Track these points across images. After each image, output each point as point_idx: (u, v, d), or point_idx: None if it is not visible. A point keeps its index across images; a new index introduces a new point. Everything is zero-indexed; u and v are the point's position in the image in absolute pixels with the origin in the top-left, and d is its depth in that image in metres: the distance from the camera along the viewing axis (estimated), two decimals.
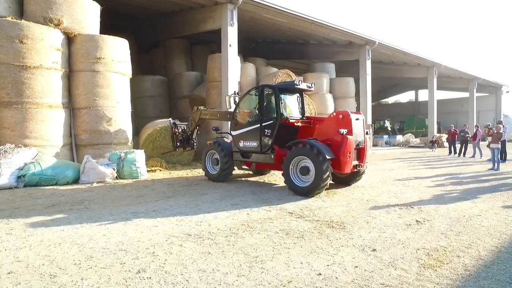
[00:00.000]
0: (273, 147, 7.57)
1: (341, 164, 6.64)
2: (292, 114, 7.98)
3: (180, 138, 10.23)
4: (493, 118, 31.81)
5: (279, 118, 7.46)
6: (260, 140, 7.72)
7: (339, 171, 6.81)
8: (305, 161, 6.68)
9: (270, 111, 7.76)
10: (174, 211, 5.51)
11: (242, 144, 8.17)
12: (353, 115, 7.04)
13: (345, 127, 6.78)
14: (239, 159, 8.35)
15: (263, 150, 7.73)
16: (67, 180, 8.07)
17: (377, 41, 17.99)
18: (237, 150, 8.34)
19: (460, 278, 3.12)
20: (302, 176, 6.76)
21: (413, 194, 7.06)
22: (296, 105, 8.27)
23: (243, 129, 8.13)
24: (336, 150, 6.65)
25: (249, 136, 7.98)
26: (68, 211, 5.46)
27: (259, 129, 7.73)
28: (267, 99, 7.90)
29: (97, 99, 9.54)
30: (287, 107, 7.98)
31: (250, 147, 8.01)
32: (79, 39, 9.47)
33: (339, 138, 6.71)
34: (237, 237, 4.22)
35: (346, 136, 6.67)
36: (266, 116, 7.73)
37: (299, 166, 6.81)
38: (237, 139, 8.28)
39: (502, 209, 5.80)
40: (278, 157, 7.45)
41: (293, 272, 3.22)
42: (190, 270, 3.23)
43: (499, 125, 12.17)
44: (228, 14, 11.92)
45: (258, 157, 7.96)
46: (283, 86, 7.96)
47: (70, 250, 3.70)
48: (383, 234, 4.35)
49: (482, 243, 4.07)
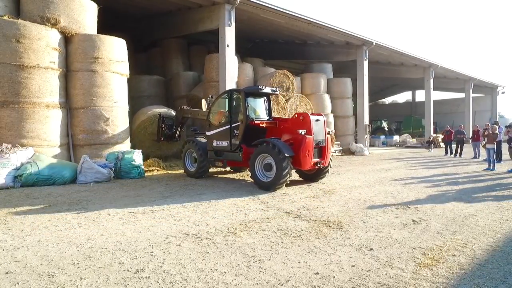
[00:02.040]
0: (241, 146, 8.19)
1: (301, 161, 7.36)
2: (259, 116, 8.63)
3: (165, 132, 10.96)
4: (489, 118, 32.05)
5: (246, 119, 8.09)
6: (230, 140, 8.39)
7: (299, 167, 7.59)
8: (268, 159, 7.35)
9: (238, 113, 8.36)
10: (172, 211, 5.52)
11: (215, 143, 8.79)
12: (312, 117, 7.70)
13: (305, 127, 7.48)
14: (213, 157, 8.92)
15: (233, 149, 8.37)
16: (65, 180, 8.05)
17: (375, 42, 18.05)
18: (211, 149, 8.94)
19: (455, 277, 3.16)
20: (266, 172, 7.44)
21: (409, 194, 7.11)
22: (263, 108, 8.91)
23: (216, 129, 8.78)
24: (296, 148, 7.36)
25: (221, 136, 8.62)
26: (65, 211, 5.45)
27: (229, 129, 8.39)
28: (235, 103, 8.52)
29: (95, 99, 9.51)
30: (255, 110, 8.65)
31: (222, 146, 8.65)
32: (76, 39, 9.45)
33: (299, 138, 7.43)
34: (235, 236, 4.24)
35: (305, 136, 7.37)
36: (234, 118, 8.39)
37: (263, 163, 7.47)
38: (210, 139, 8.91)
39: (497, 209, 5.86)
40: (245, 155, 8.08)
41: (290, 271, 3.25)
42: (189, 270, 3.25)
43: (495, 125, 12.27)
44: (226, 14, 11.92)
45: (229, 155, 8.58)
46: (249, 90, 8.61)
47: (68, 250, 3.70)
48: (380, 234, 4.39)
49: (477, 242, 4.12)
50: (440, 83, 28.63)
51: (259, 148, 7.49)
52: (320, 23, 15.23)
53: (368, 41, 17.90)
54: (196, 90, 15.36)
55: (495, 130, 11.76)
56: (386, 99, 44.81)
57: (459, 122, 27.12)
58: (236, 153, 8.37)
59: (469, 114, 29.03)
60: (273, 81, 14.43)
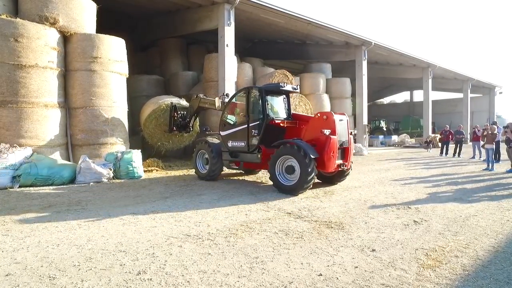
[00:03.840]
0: (260, 147, 7.78)
1: (325, 163, 6.91)
2: (278, 115, 8.17)
3: (177, 122, 10.35)
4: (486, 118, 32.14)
5: (265, 119, 7.67)
6: (248, 140, 7.93)
7: (323, 170, 7.12)
8: (290, 161, 6.92)
9: (257, 112, 7.95)
10: (172, 212, 5.49)
11: (230, 144, 8.37)
12: (336, 116, 7.25)
13: (329, 127, 7.02)
14: (228, 159, 8.49)
15: (250, 149, 7.93)
16: (63, 181, 8.00)
17: (374, 42, 18.06)
18: (226, 150, 8.51)
19: (459, 278, 3.15)
20: (287, 175, 7.02)
21: (410, 194, 7.11)
22: (282, 106, 8.45)
23: (232, 129, 8.35)
24: (320, 149, 6.89)
25: (237, 136, 8.19)
26: (65, 212, 5.41)
27: (247, 129, 7.94)
28: (254, 101, 8.06)
29: (94, 98, 9.46)
30: (273, 108, 8.21)
31: (238, 147, 8.21)
32: (75, 38, 9.39)
33: (323, 138, 6.95)
34: (236, 237, 4.22)
35: (329, 136, 6.91)
36: (253, 117, 7.94)
37: (284, 165, 7.05)
38: (225, 139, 8.47)
39: (498, 209, 5.87)
40: (264, 157, 7.65)
41: (294, 272, 3.23)
42: (191, 271, 3.23)
43: (494, 126, 12.31)
44: (225, 14, 11.88)
45: (246, 157, 8.15)
46: (269, 88, 8.19)
47: (69, 252, 3.67)
48: (381, 235, 4.38)
49: (480, 243, 4.11)
50: (438, 83, 28.70)
51: (280, 150, 7.05)
52: (320, 23, 15.23)
53: (367, 41, 17.91)
54: (195, 90, 15.29)
55: (494, 130, 11.79)
56: (384, 99, 44.88)
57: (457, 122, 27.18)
58: (254, 154, 7.93)
59: (467, 114, 29.11)
60: (272, 81, 14.38)
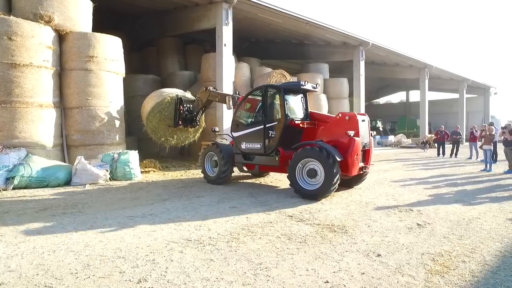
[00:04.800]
0: (278, 149, 7.36)
1: (349, 166, 6.55)
2: (296, 115, 7.70)
3: (183, 116, 9.79)
4: (481, 119, 32.35)
5: (285, 119, 7.26)
6: (264, 142, 7.49)
7: (346, 173, 6.69)
8: (313, 164, 6.53)
9: (275, 112, 7.56)
10: (171, 215, 5.37)
11: (244, 146, 7.91)
12: (359, 117, 6.95)
13: (352, 128, 6.69)
14: (241, 161, 8.09)
15: (267, 152, 7.50)
16: (59, 182, 7.83)
17: (371, 42, 18.05)
18: (238, 152, 8.08)
19: (469, 285, 3.08)
20: (309, 179, 6.61)
21: (410, 196, 7.05)
22: (300, 106, 7.97)
23: (245, 130, 7.89)
24: (344, 152, 6.53)
25: (252, 137, 7.73)
26: (61, 215, 5.27)
27: (263, 130, 7.49)
28: (271, 100, 7.65)
29: (90, 98, 9.29)
30: (292, 108, 7.72)
31: (253, 149, 7.76)
32: (71, 37, 9.21)
33: (346, 140, 6.62)
34: (238, 242, 4.11)
35: (353, 138, 6.58)
36: (270, 117, 7.53)
37: (305, 168, 6.64)
38: (238, 140, 8.02)
39: (500, 212, 5.83)
40: (282, 159, 7.24)
41: (299, 279, 3.13)
42: (193, 279, 3.12)
43: (491, 127, 12.32)
44: (223, 13, 11.75)
45: (262, 159, 7.73)
46: (288, 86, 7.78)
47: (66, 258, 3.54)
48: (386, 238, 4.30)
49: (486, 247, 4.05)
50: (434, 84, 28.79)
51: (302, 152, 6.62)
52: (318, 23, 15.15)
53: (365, 42, 17.88)
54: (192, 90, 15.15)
55: (491, 131, 11.80)
56: (380, 99, 45.02)
57: (453, 123, 27.34)
58: (271, 157, 7.49)
59: (463, 115, 29.25)
60: (270, 81, 14.27)
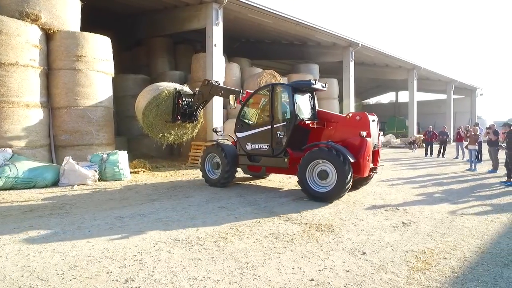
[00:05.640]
0: (287, 150, 7.14)
1: (361, 167, 6.41)
2: (304, 115, 7.41)
3: (182, 110, 9.20)
4: (468, 119, 33.01)
5: (294, 119, 7.04)
6: (272, 143, 7.26)
7: (358, 174, 6.54)
8: (324, 165, 6.35)
9: (283, 111, 7.33)
10: (160, 215, 5.38)
11: (249, 147, 7.65)
12: (370, 117, 6.83)
13: (364, 129, 6.58)
14: (246, 163, 7.82)
15: (275, 153, 7.27)
16: (46, 183, 7.75)
17: (361, 43, 18.27)
18: (243, 153, 7.81)
19: (448, 280, 3.18)
20: (320, 180, 6.42)
21: (397, 195, 7.19)
22: (308, 105, 7.70)
23: (251, 130, 7.63)
24: (356, 153, 6.40)
25: (258, 138, 7.48)
26: (48, 216, 5.23)
27: (270, 131, 7.27)
28: (279, 99, 7.39)
29: (78, 98, 9.22)
30: (299, 108, 7.44)
31: (260, 150, 7.50)
32: (58, 36, 9.12)
33: (358, 141, 6.49)
34: (226, 241, 4.16)
35: (365, 138, 6.47)
36: (278, 117, 7.31)
37: (316, 170, 6.46)
38: (243, 141, 7.75)
39: (481, 210, 6.00)
40: (291, 161, 7.04)
41: (285, 278, 3.19)
42: (181, 278, 3.15)
43: (476, 127, 12.60)
44: (213, 13, 11.76)
45: (269, 161, 7.47)
46: (297, 85, 7.54)
47: (52, 259, 3.53)
48: (371, 237, 4.40)
49: (466, 244, 4.18)
50: (423, 85, 29.30)
51: (313, 153, 6.43)
52: (308, 24, 15.27)
53: (354, 43, 18.09)
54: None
55: (476, 131, 12.07)
56: (370, 99, 45.54)
57: (441, 123, 27.80)
58: (279, 158, 7.23)
59: (450, 115, 29.81)
60: (260, 81, 14.34)
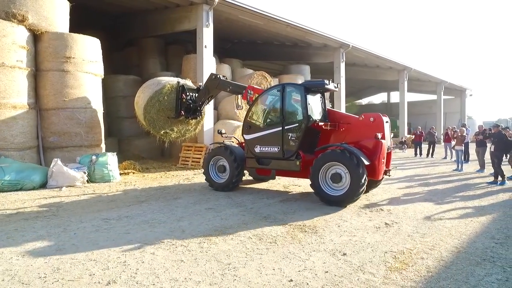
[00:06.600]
0: (298, 152, 6.95)
1: (375, 170, 6.28)
2: (315, 116, 7.16)
3: (185, 106, 8.87)
4: (458, 119, 33.48)
5: (307, 121, 6.82)
6: (282, 145, 7.04)
7: (373, 177, 6.41)
8: (337, 168, 6.19)
9: (295, 112, 7.14)
10: (147, 217, 5.42)
11: (258, 149, 7.38)
12: (383, 118, 6.72)
13: (378, 130, 6.46)
14: (254, 166, 7.58)
15: (286, 156, 7.04)
16: (34, 185, 7.71)
17: (351, 45, 18.44)
18: (251, 156, 7.55)
19: (423, 280, 3.28)
20: (333, 184, 6.26)
21: (383, 195, 7.31)
22: (318, 106, 7.44)
23: (260, 132, 7.36)
24: (370, 155, 6.27)
25: (268, 140, 7.23)
26: (33, 219, 5.23)
27: (281, 132, 7.05)
28: (290, 99, 7.19)
29: (67, 100, 9.17)
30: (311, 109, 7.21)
31: (270, 153, 7.25)
32: (46, 37, 9.06)
33: (373, 143, 6.37)
34: (210, 243, 4.21)
35: (380, 140, 6.35)
36: (290, 118, 7.08)
37: (328, 173, 6.32)
38: (251, 143, 7.49)
39: (463, 210, 6.15)
40: (304, 164, 6.87)
41: (265, 279, 3.26)
42: (162, 280, 3.20)
43: (463, 128, 12.83)
44: (204, 15, 11.80)
45: (280, 164, 7.22)
46: (310, 85, 7.29)
47: (35, 263, 3.55)
48: (353, 238, 4.49)
49: (444, 244, 4.30)
50: (413, 85, 29.64)
51: (325, 155, 6.28)
52: (298, 25, 15.37)
53: (345, 44, 18.26)
54: None
55: (462, 132, 12.30)
56: (363, 100, 45.93)
57: (432, 123, 28.17)
58: (291, 161, 6.99)
59: (441, 116, 30.25)
60: (251, 82, 14.41)
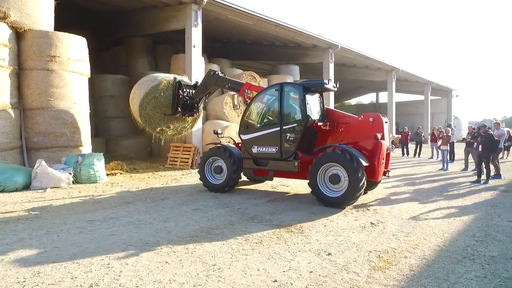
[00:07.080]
0: (297, 153, 6.86)
1: (375, 171, 6.23)
2: (313, 116, 7.06)
3: (182, 102, 8.74)
4: (444, 120, 34.10)
5: (306, 121, 6.73)
6: (281, 146, 6.94)
7: (372, 179, 6.35)
8: (335, 169, 6.14)
9: (293, 112, 7.05)
10: (133, 218, 5.36)
11: (255, 149, 7.26)
12: (383, 118, 6.69)
13: (378, 131, 6.41)
14: (251, 167, 7.46)
15: (284, 156, 6.93)
16: (16, 186, 7.54)
17: (340, 45, 18.60)
18: (248, 156, 7.44)
19: (405, 278, 3.33)
20: (331, 185, 6.20)
21: (370, 195, 7.38)
22: (317, 106, 7.34)
23: (257, 132, 7.25)
24: (370, 156, 6.22)
25: (265, 140, 7.12)
26: (15, 221, 5.12)
27: (279, 133, 6.96)
28: (288, 99, 7.08)
29: (52, 99, 9.00)
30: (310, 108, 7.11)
31: (267, 153, 7.14)
32: (30, 35, 8.87)
33: (372, 143, 6.32)
34: (196, 244, 4.20)
35: (380, 141, 6.29)
36: (288, 118, 6.99)
37: (327, 174, 6.25)
38: (248, 144, 7.36)
39: (447, 209, 6.27)
40: (302, 164, 6.79)
41: (249, 279, 3.27)
42: (146, 282, 3.17)
43: (448, 128, 13.08)
44: (193, 14, 11.73)
45: (278, 165, 7.12)
46: (309, 84, 7.16)
47: (14, 267, 3.47)
48: (339, 238, 4.53)
49: (428, 243, 4.37)
50: (401, 86, 30.07)
51: (323, 156, 6.20)
52: (287, 25, 15.42)
53: (334, 44, 18.40)
54: None
55: (448, 132, 12.53)
56: (352, 100, 46.36)
57: (419, 123, 28.61)
58: (289, 162, 6.89)
59: (428, 116, 30.78)
60: None
